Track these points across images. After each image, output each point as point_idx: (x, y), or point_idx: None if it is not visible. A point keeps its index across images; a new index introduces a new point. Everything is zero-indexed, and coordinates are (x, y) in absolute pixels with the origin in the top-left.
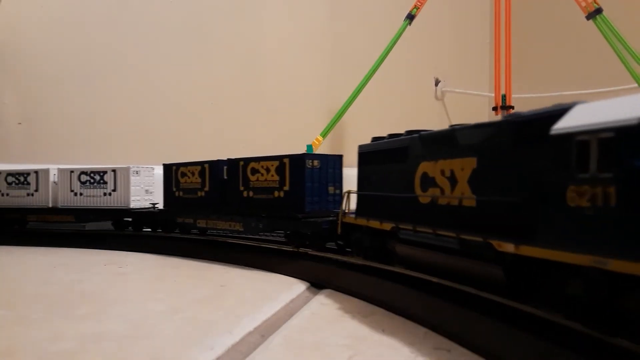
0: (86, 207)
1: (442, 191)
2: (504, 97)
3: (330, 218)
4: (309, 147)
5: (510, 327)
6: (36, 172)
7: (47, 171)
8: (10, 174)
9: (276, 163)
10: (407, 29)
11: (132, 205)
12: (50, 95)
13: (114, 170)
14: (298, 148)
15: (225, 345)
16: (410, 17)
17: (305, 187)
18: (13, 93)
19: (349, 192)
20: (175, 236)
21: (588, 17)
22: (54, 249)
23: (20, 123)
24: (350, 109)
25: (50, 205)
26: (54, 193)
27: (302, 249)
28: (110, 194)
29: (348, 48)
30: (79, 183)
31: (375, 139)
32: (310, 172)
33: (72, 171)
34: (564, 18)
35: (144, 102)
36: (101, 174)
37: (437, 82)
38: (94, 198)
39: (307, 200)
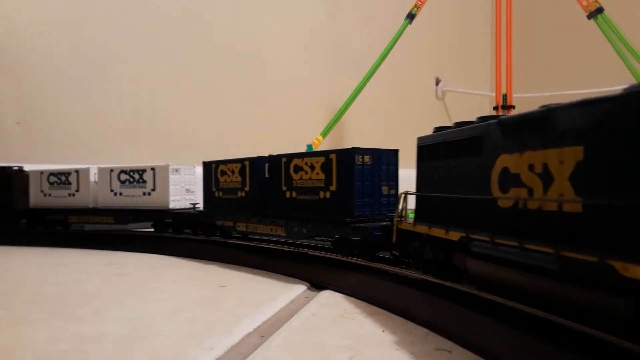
0: (125, 207)
1: (531, 191)
2: (504, 96)
3: (384, 223)
4: (309, 146)
5: (511, 328)
6: (77, 171)
7: (87, 170)
8: (52, 173)
9: (321, 159)
10: (407, 28)
11: (172, 205)
12: (49, 95)
13: (152, 169)
14: (298, 148)
15: (224, 346)
16: (411, 17)
17: (354, 187)
18: (11, 93)
19: (406, 194)
20: (175, 237)
21: (589, 17)
22: (54, 249)
23: (19, 123)
24: (350, 108)
25: (90, 205)
26: (94, 193)
27: (302, 250)
28: (149, 194)
29: (348, 48)
30: (118, 182)
31: (438, 129)
32: (360, 170)
33: (111, 170)
34: (565, 17)
35: (143, 102)
36: (140, 172)
37: (437, 82)
38: (133, 198)
39: (357, 202)
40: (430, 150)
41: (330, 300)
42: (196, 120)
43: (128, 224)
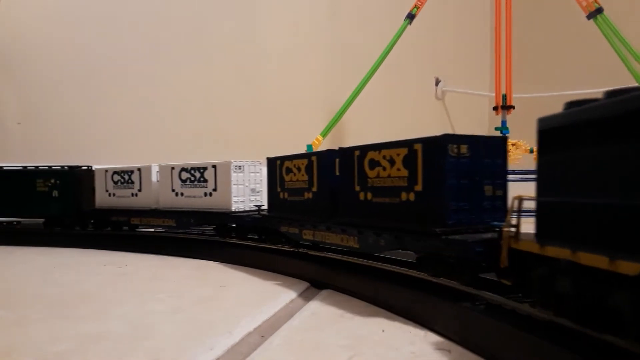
0: (187, 209)
1: None
2: (504, 96)
3: (488, 236)
4: (309, 146)
5: (511, 328)
6: (139, 169)
7: (149, 168)
8: (116, 172)
9: (404, 151)
10: (407, 28)
11: (234, 207)
12: (50, 95)
13: (214, 166)
14: (298, 147)
15: (225, 346)
16: (411, 17)
17: (446, 187)
18: (13, 93)
19: (520, 199)
20: (174, 237)
21: (589, 17)
22: (54, 249)
23: (19, 123)
24: (350, 108)
25: (153, 206)
26: (156, 193)
27: (302, 249)
28: (210, 194)
29: (348, 48)
30: (179, 181)
31: (571, 104)
32: (454, 164)
33: (172, 168)
34: (565, 18)
35: (143, 102)
36: (201, 170)
37: (437, 82)
38: (194, 199)
39: (450, 206)
40: (563, 135)
41: (331, 300)
42: (196, 120)
43: (188, 227)
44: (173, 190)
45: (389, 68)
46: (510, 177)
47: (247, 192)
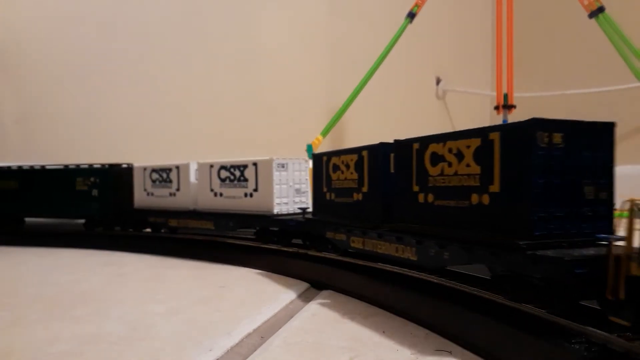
0: (225, 210)
1: None
2: (505, 96)
3: (591, 253)
4: (309, 146)
5: (512, 328)
6: (177, 167)
7: (187, 166)
8: (154, 170)
9: (475, 142)
10: (407, 27)
11: (276, 210)
12: (47, 94)
13: (255, 164)
14: (298, 148)
15: (224, 347)
16: (411, 16)
17: (532, 187)
18: (10, 91)
19: (634, 203)
20: (174, 237)
21: (590, 16)
22: (53, 250)
23: (17, 122)
24: (350, 108)
25: (191, 207)
26: (195, 193)
27: (302, 250)
28: (251, 195)
29: (348, 47)
30: (218, 180)
31: None
32: (544, 157)
33: (211, 166)
34: (566, 17)
35: (141, 101)
36: (241, 168)
37: (438, 81)
38: (234, 200)
39: (538, 212)
40: None
41: (331, 301)
42: (195, 120)
43: (227, 231)
44: (212, 190)
45: (389, 67)
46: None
47: (291, 192)
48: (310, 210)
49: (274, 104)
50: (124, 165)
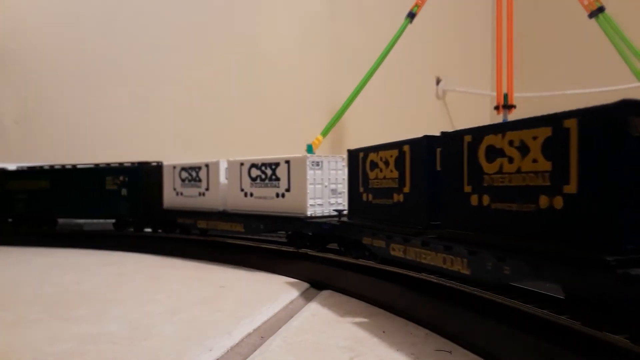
0: (256, 212)
1: None
2: (505, 96)
3: None
4: (309, 146)
5: (512, 328)
6: (207, 165)
7: (217, 164)
8: (184, 168)
9: (545, 132)
10: (408, 27)
11: (310, 212)
12: (48, 94)
13: (287, 162)
14: (298, 148)
15: (224, 347)
16: (411, 16)
17: (621, 187)
18: (10, 92)
19: None
20: (174, 237)
21: (590, 16)
22: (52, 250)
23: (17, 122)
24: (350, 108)
25: (220, 208)
26: (224, 192)
27: (302, 250)
28: (283, 195)
29: (348, 47)
30: (249, 179)
31: None
32: (637, 150)
33: (241, 163)
34: (566, 16)
35: (142, 101)
36: (273, 166)
37: (438, 81)
38: (265, 201)
39: (630, 219)
40: None
41: (331, 301)
42: (195, 120)
43: (257, 234)
44: (242, 190)
45: (389, 67)
46: None
47: (327, 193)
48: (346, 212)
49: (274, 105)
50: (153, 164)
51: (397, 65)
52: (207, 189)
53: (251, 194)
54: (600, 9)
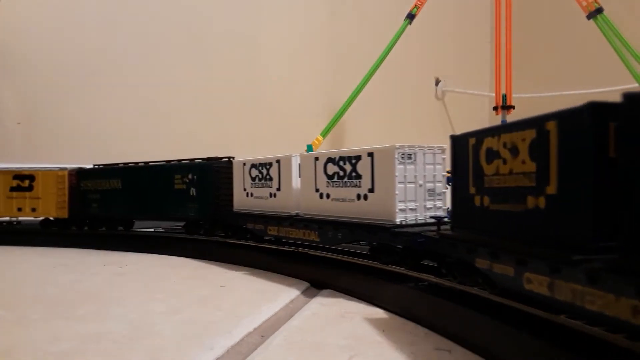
0: (333, 217)
1: None
2: (504, 96)
3: None
4: (309, 147)
5: (511, 328)
6: (278, 161)
7: (289, 160)
8: (254, 165)
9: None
10: (407, 28)
11: (399, 219)
12: (50, 95)
13: (370, 154)
14: (298, 148)
15: (225, 346)
16: (411, 17)
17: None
18: (12, 93)
19: None
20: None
21: (589, 17)
22: (53, 249)
23: (19, 123)
24: (350, 108)
25: (293, 212)
26: (297, 193)
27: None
28: (365, 197)
29: (348, 48)
30: (324, 177)
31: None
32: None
33: (316, 158)
34: (565, 18)
35: (142, 102)
36: (353, 161)
37: (437, 82)
38: (344, 203)
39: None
40: None
41: (331, 300)
42: (195, 120)
43: (335, 244)
44: (317, 191)
45: (389, 68)
46: None
47: (421, 194)
48: (448, 220)
49: (274, 105)
50: (224, 159)
51: (396, 66)
52: (278, 189)
53: (328, 195)
54: (599, 10)
